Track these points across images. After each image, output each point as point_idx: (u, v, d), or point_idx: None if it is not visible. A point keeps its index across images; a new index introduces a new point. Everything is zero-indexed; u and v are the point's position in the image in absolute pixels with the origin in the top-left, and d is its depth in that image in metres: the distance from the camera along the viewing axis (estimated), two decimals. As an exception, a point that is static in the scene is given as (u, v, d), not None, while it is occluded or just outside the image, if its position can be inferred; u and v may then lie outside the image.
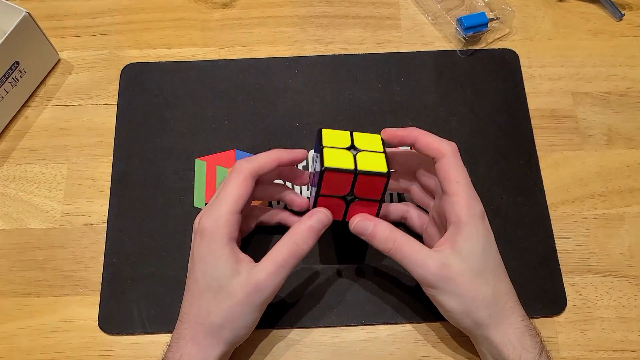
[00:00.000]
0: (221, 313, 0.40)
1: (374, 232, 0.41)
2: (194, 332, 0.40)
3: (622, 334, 0.47)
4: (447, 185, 0.41)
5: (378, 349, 0.46)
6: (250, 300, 0.40)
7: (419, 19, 0.59)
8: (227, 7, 0.60)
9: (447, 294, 0.40)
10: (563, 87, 0.56)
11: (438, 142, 0.42)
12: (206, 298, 0.40)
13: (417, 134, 0.43)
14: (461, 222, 0.40)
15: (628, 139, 0.53)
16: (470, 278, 0.40)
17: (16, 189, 0.52)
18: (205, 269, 0.40)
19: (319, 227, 0.41)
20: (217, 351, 0.40)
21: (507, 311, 0.40)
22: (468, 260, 0.40)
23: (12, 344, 0.47)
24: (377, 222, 0.42)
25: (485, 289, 0.40)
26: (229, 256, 0.40)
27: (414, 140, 0.43)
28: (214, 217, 0.41)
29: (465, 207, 0.40)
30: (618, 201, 0.51)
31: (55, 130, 0.54)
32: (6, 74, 0.51)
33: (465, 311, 0.40)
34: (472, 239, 0.40)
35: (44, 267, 0.49)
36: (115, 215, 0.50)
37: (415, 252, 0.40)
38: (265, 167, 0.42)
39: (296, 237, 0.40)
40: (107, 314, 0.47)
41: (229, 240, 0.40)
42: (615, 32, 0.58)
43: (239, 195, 0.41)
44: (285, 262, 0.40)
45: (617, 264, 0.49)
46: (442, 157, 0.41)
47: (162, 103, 0.55)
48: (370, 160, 0.42)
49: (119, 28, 0.59)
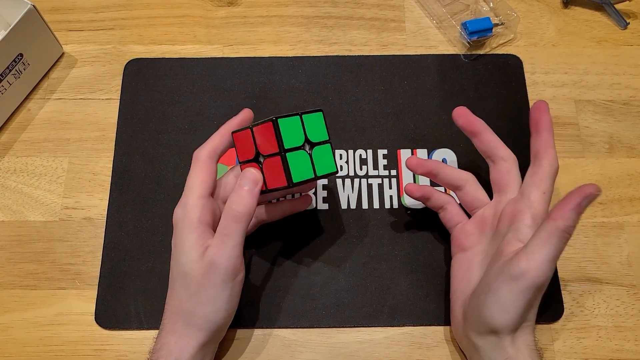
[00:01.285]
0: (190, 299, 0.40)
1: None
2: (172, 322, 0.41)
3: (619, 343, 0.47)
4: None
5: (373, 351, 0.46)
6: (209, 279, 0.39)
7: (423, 22, 0.59)
8: (232, 5, 0.60)
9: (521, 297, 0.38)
10: (566, 94, 0.56)
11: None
12: (178, 286, 0.41)
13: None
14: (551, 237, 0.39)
15: (629, 147, 0.53)
16: (539, 291, 0.39)
17: (16, 181, 0.52)
18: (176, 258, 0.41)
19: (250, 187, 0.39)
20: (195, 340, 0.40)
21: (530, 328, 0.40)
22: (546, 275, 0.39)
23: (8, 335, 0.47)
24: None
25: (537, 303, 0.40)
26: (195, 241, 0.40)
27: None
28: (182, 205, 0.41)
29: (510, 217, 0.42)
30: (618, 210, 0.51)
31: (57, 123, 0.54)
32: (10, 66, 0.51)
33: (514, 317, 0.39)
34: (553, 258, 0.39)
35: (42, 260, 0.49)
36: (114, 210, 0.51)
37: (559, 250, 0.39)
38: (220, 144, 0.42)
39: (230, 203, 0.40)
40: (103, 308, 0.47)
41: (198, 224, 0.40)
42: (620, 40, 0.58)
43: (202, 180, 0.41)
44: (228, 230, 0.39)
45: (615, 273, 0.49)
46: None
47: (164, 99, 0.55)
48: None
49: (124, 23, 0.59)
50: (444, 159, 0.52)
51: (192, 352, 0.40)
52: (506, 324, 0.39)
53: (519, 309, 0.39)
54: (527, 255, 0.38)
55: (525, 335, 0.40)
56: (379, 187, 0.51)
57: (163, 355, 0.40)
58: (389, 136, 0.53)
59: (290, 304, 0.47)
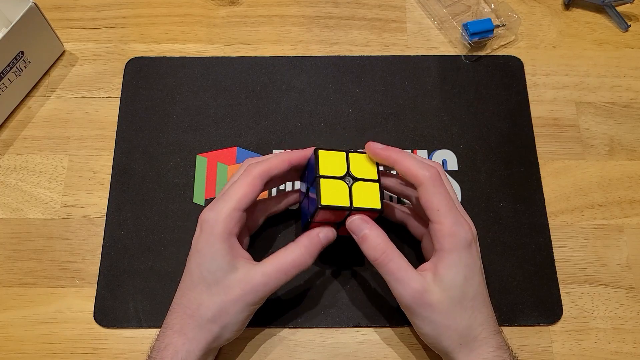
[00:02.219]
0: (213, 306, 0.40)
1: (365, 236, 0.41)
2: (182, 323, 0.41)
3: (617, 345, 0.47)
4: (429, 213, 0.41)
5: (372, 352, 0.46)
6: (245, 298, 0.40)
7: (424, 23, 0.59)
8: (233, 4, 0.60)
9: (421, 319, 0.40)
10: (567, 96, 0.56)
11: (416, 169, 0.41)
12: (199, 290, 0.40)
13: (396, 157, 0.42)
14: (444, 251, 0.40)
15: (630, 150, 0.53)
16: (447, 307, 0.39)
17: (16, 179, 0.52)
18: (201, 261, 0.41)
19: (324, 243, 0.42)
20: (202, 345, 0.40)
21: (479, 342, 0.40)
22: (448, 290, 0.39)
23: (7, 333, 0.47)
24: (374, 228, 0.41)
25: (460, 319, 0.40)
26: (227, 251, 0.40)
27: (393, 164, 0.42)
28: (216, 211, 0.41)
29: (447, 236, 0.40)
30: (617, 212, 0.51)
31: (58, 121, 0.54)
32: (10, 64, 0.51)
33: (437, 338, 0.40)
34: (453, 268, 0.40)
35: (41, 258, 0.49)
36: (114, 208, 0.51)
37: (400, 269, 0.40)
38: (276, 168, 0.42)
39: (297, 254, 0.41)
40: (102, 306, 0.47)
41: (229, 235, 0.40)
42: (621, 42, 0.58)
43: (245, 194, 0.41)
44: (288, 269, 0.40)
45: (615, 275, 0.49)
46: (420, 185, 0.41)
47: (165, 98, 0.55)
48: (365, 192, 0.42)
49: (125, 22, 0.59)
50: (444, 160, 0.52)
51: (198, 355, 0.40)
52: (437, 344, 0.41)
53: (433, 331, 0.40)
54: None
55: (478, 348, 0.40)
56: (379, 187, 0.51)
57: (168, 355, 0.40)
58: (389, 137, 0.53)
59: (289, 304, 0.47)
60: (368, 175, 0.43)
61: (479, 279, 0.41)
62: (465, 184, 0.52)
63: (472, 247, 0.41)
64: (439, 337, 0.40)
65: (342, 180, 0.42)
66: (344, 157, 0.43)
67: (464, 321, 0.40)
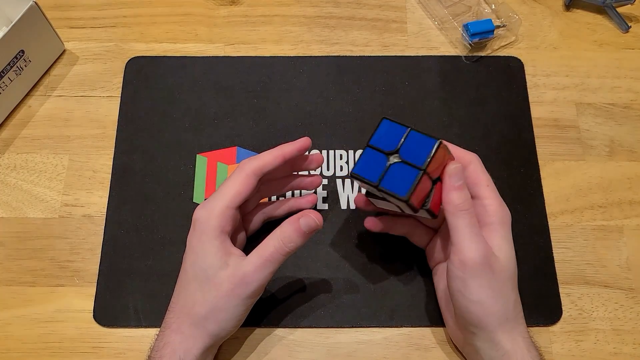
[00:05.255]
0: (206, 304, 0.40)
1: (462, 185, 0.40)
2: (179, 321, 0.41)
3: (616, 346, 0.47)
4: (479, 189, 0.42)
5: (372, 352, 0.46)
6: (236, 292, 0.40)
7: (425, 24, 0.59)
8: (234, 4, 0.60)
9: (481, 282, 0.39)
10: (567, 96, 0.56)
11: (463, 151, 0.43)
12: (193, 288, 0.41)
13: None
14: (497, 224, 0.41)
15: (630, 151, 0.53)
16: (507, 276, 0.40)
17: (16, 178, 0.52)
18: (194, 259, 0.41)
19: (307, 231, 0.40)
20: (200, 342, 0.40)
21: (520, 320, 0.41)
22: (505, 261, 0.40)
23: (6, 332, 0.47)
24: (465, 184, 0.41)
25: (511, 293, 0.41)
26: (218, 248, 0.40)
27: None
28: (208, 209, 0.41)
29: (499, 210, 0.41)
30: (617, 213, 0.51)
31: (58, 120, 0.54)
32: (11, 63, 0.51)
33: (490, 307, 0.39)
34: (506, 242, 0.41)
35: (41, 257, 0.49)
36: (114, 207, 0.51)
37: (477, 226, 0.40)
38: (269, 164, 0.42)
39: (284, 236, 0.40)
40: (102, 306, 0.47)
41: (220, 233, 0.40)
42: (621, 44, 0.58)
43: (238, 192, 0.41)
44: (272, 257, 0.40)
45: (614, 276, 0.49)
46: (469, 163, 0.42)
47: (165, 97, 0.55)
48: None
49: (126, 21, 0.59)
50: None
51: (196, 354, 0.40)
52: (485, 313, 0.39)
53: (487, 296, 0.39)
54: (454, 248, 0.40)
55: (520, 325, 0.41)
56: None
57: (166, 354, 0.40)
58: (389, 137, 0.53)
59: (289, 304, 0.47)
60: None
61: None
62: (465, 185, 0.52)
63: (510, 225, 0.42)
64: (492, 306, 0.39)
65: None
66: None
67: (513, 296, 0.41)
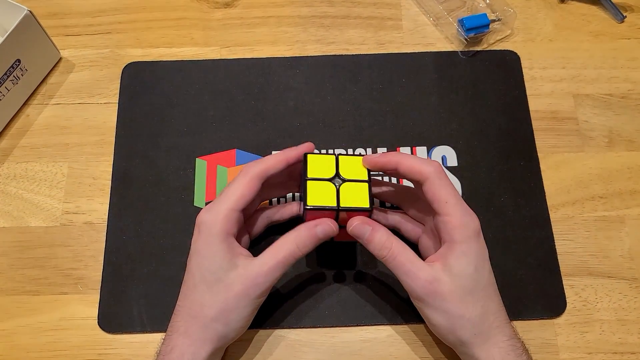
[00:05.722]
0: (216, 305, 0.40)
1: (370, 237, 0.41)
2: (186, 325, 0.41)
3: (622, 337, 0.47)
4: (437, 207, 0.41)
5: (377, 350, 0.46)
6: (247, 292, 0.40)
7: (420, 20, 0.59)
8: (228, 6, 0.60)
9: (433, 309, 0.40)
10: (564, 88, 0.56)
11: (420, 165, 0.41)
12: (200, 290, 0.41)
13: (397, 159, 0.42)
14: (454, 242, 0.40)
15: (629, 141, 0.53)
16: (459, 296, 0.40)
17: (17, 187, 0.52)
18: (200, 261, 0.41)
19: (322, 237, 0.41)
20: (209, 345, 0.40)
21: (493, 330, 0.40)
22: (459, 278, 0.40)
23: (12, 341, 0.47)
24: (375, 227, 0.42)
25: (473, 308, 0.40)
26: (226, 250, 0.40)
27: (396, 166, 0.42)
28: (213, 212, 0.41)
29: (457, 227, 0.40)
30: (618, 203, 0.51)
31: (56, 128, 0.54)
32: (7, 72, 0.51)
33: (451, 328, 0.40)
34: (464, 258, 0.40)
35: (44, 265, 0.49)
36: (115, 214, 0.51)
37: (408, 262, 0.40)
38: (273, 168, 0.42)
39: (298, 240, 0.41)
40: (106, 312, 0.47)
41: (227, 235, 0.40)
42: (617, 34, 0.58)
43: (242, 194, 0.41)
44: (285, 260, 0.40)
45: (617, 266, 0.49)
46: (426, 179, 0.41)
47: (163, 102, 0.55)
48: (354, 192, 0.42)
49: (121, 27, 0.59)
50: (444, 157, 0.52)
51: (204, 357, 0.40)
52: (452, 336, 0.41)
53: (446, 322, 0.40)
54: None
55: (493, 337, 0.40)
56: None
57: (174, 358, 0.40)
58: (388, 134, 0.53)
59: (293, 304, 0.47)
60: (358, 177, 0.43)
61: (489, 268, 0.41)
62: (465, 180, 0.52)
63: (480, 236, 0.41)
64: (453, 327, 0.40)
65: (330, 182, 0.42)
66: (333, 160, 0.43)
67: (477, 310, 0.40)
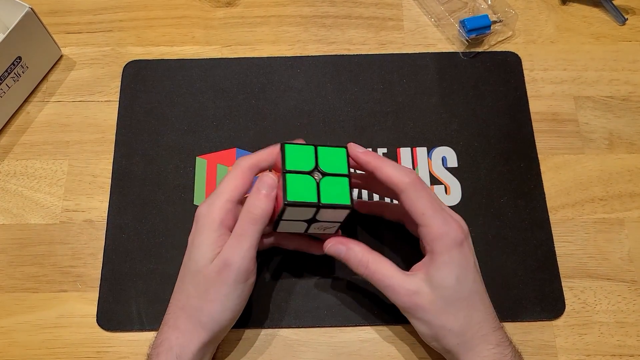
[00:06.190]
0: (199, 296, 0.40)
1: (347, 256, 0.42)
2: (175, 317, 0.41)
3: (620, 339, 0.47)
4: (415, 218, 0.40)
5: (376, 350, 0.46)
6: (222, 278, 0.40)
7: (421, 21, 0.59)
8: (230, 5, 0.60)
9: (416, 319, 0.41)
10: (565, 90, 0.56)
11: (396, 175, 0.40)
12: (187, 282, 0.41)
13: (376, 164, 0.41)
14: (434, 253, 0.40)
15: (629, 143, 0.53)
16: (440, 307, 0.40)
17: (17, 184, 0.52)
18: (191, 254, 0.41)
19: (267, 191, 0.40)
20: (196, 338, 0.40)
21: (477, 340, 0.40)
22: (439, 290, 0.40)
23: (11, 339, 0.47)
24: (350, 245, 0.42)
25: (454, 319, 0.40)
26: (214, 240, 0.40)
27: (373, 170, 0.41)
28: (208, 204, 0.41)
29: (436, 238, 0.40)
30: (618, 206, 0.51)
31: (57, 126, 0.54)
32: (8, 69, 0.51)
33: (434, 337, 0.41)
34: (444, 269, 0.40)
35: (43, 263, 0.49)
36: (115, 212, 0.51)
37: (387, 277, 0.41)
38: (264, 160, 0.42)
39: (248, 205, 0.40)
40: (105, 310, 0.47)
41: (219, 225, 0.40)
42: (618, 36, 0.58)
43: (236, 186, 0.41)
44: (244, 231, 0.40)
45: (616, 269, 0.49)
46: (402, 191, 0.40)
47: (163, 100, 0.55)
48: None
49: (122, 25, 0.59)
50: (444, 157, 0.52)
51: (193, 350, 0.40)
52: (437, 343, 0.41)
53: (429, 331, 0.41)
54: None
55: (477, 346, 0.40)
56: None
57: (163, 350, 0.40)
58: (388, 135, 0.53)
59: (292, 304, 0.47)
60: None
61: (474, 277, 0.41)
62: (465, 181, 0.52)
63: (463, 245, 0.40)
64: (436, 336, 0.41)
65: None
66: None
67: (459, 321, 0.40)
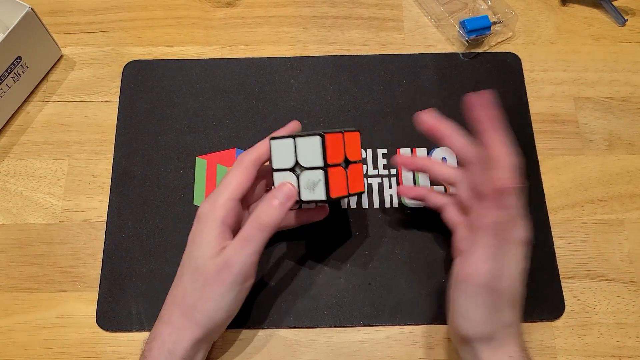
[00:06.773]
0: (195, 293, 0.40)
1: (506, 206, 0.39)
2: (169, 313, 0.41)
3: (620, 340, 0.47)
4: None
5: (375, 350, 0.46)
6: (220, 277, 0.39)
7: (421, 21, 0.59)
8: (230, 6, 0.60)
9: (476, 301, 0.39)
10: (565, 91, 0.56)
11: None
12: (185, 279, 0.41)
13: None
14: (510, 244, 0.39)
15: (629, 144, 0.53)
16: (505, 299, 0.39)
17: (16, 184, 0.52)
18: (191, 250, 0.41)
19: (281, 201, 0.40)
20: (189, 334, 0.40)
21: (511, 339, 0.39)
22: (511, 281, 0.39)
23: (10, 338, 0.47)
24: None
25: (510, 313, 0.39)
26: (216, 238, 0.40)
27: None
28: (210, 202, 0.41)
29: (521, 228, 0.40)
30: (618, 207, 0.51)
31: (57, 126, 0.54)
32: (8, 69, 0.51)
33: (481, 323, 0.39)
34: (514, 263, 0.39)
35: (42, 263, 0.49)
36: (114, 212, 0.51)
37: (496, 247, 0.39)
38: (266, 153, 0.42)
39: (259, 211, 0.40)
40: (104, 310, 0.47)
41: (221, 223, 0.40)
42: (618, 37, 0.58)
43: (238, 183, 0.41)
44: (251, 236, 0.40)
45: (616, 270, 0.49)
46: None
47: (163, 101, 0.55)
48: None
49: (122, 25, 0.59)
50: (444, 158, 0.52)
51: (185, 346, 0.40)
52: (472, 331, 0.39)
53: (479, 315, 0.39)
54: (461, 258, 0.40)
55: (507, 345, 0.39)
56: (379, 186, 0.52)
57: (156, 346, 0.40)
58: (388, 135, 0.53)
59: (292, 304, 0.47)
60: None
61: (522, 280, 0.40)
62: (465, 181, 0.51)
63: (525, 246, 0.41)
64: (478, 326, 0.39)
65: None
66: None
67: (508, 316, 0.39)
